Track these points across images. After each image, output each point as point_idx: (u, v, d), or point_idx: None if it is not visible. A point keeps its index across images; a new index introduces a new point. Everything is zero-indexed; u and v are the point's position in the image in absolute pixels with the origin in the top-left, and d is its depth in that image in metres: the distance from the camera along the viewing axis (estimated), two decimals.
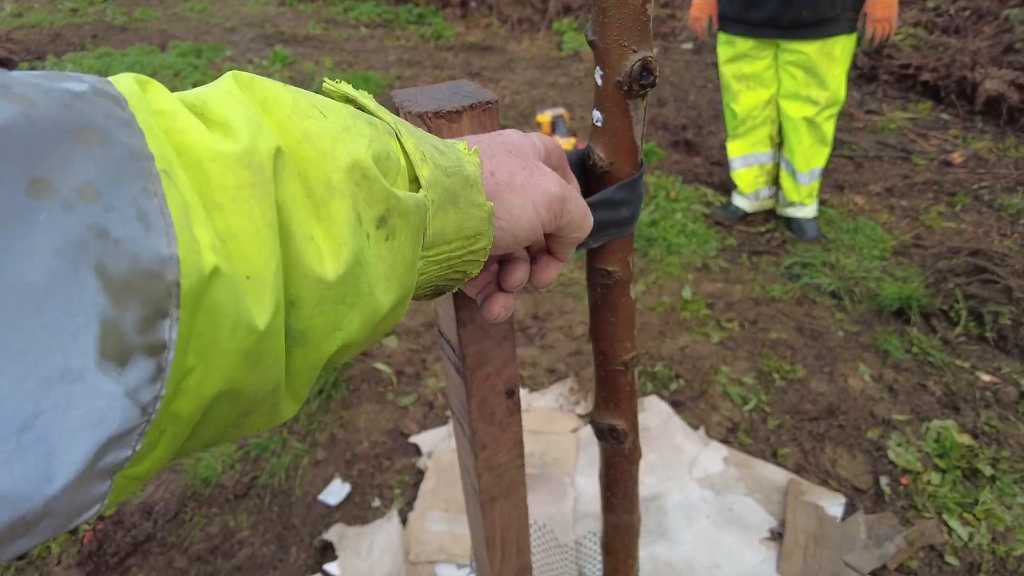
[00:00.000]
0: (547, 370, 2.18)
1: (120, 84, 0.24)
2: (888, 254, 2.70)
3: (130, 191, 0.21)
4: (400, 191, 0.32)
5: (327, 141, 0.29)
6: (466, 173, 0.37)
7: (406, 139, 0.35)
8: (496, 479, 0.73)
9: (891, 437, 1.88)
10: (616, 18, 0.48)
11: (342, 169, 0.29)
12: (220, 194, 0.24)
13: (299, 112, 0.29)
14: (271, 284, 0.26)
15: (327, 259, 0.28)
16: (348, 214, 0.29)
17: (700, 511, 1.65)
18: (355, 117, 0.32)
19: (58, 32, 6.54)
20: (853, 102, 4.25)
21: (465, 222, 0.37)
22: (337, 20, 6.99)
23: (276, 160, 0.26)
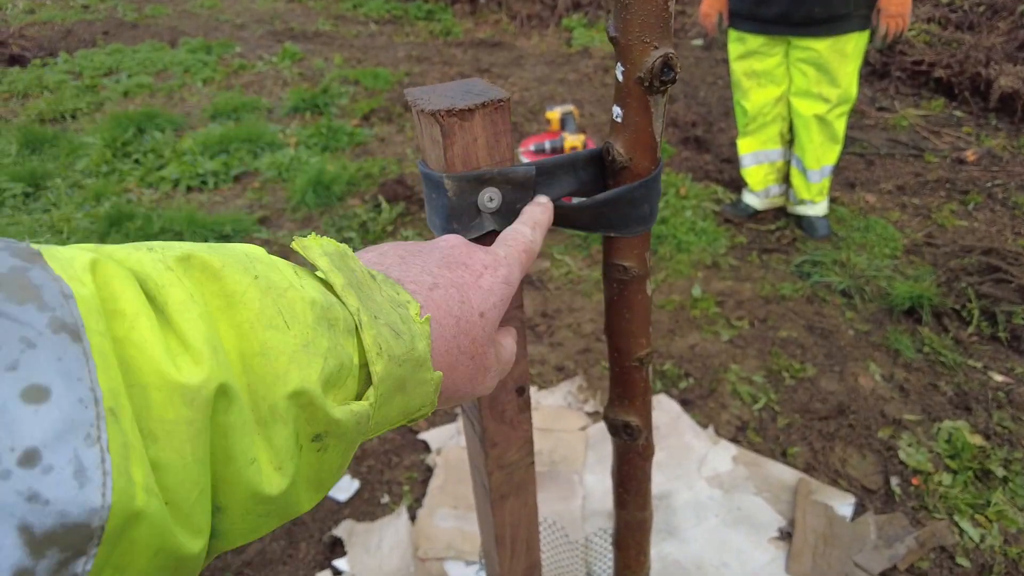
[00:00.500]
0: (556, 368, 2.18)
1: (81, 291, 0.23)
2: (900, 253, 2.68)
3: (72, 445, 0.21)
4: (342, 412, 0.32)
5: (283, 361, 0.29)
6: (417, 355, 0.36)
7: (366, 332, 0.34)
8: (506, 477, 0.73)
9: (902, 437, 1.87)
10: (638, 14, 0.47)
11: (288, 395, 0.29)
12: (157, 425, 0.24)
13: (263, 320, 0.29)
14: (192, 512, 0.26)
15: (265, 480, 0.29)
16: (288, 439, 0.30)
17: (709, 510, 1.65)
18: (317, 326, 0.31)
19: (70, 29, 6.58)
20: (865, 99, 4.21)
21: (411, 402, 0.37)
22: (346, 16, 7.00)
23: (219, 396, 0.26)
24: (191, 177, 3.55)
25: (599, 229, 0.57)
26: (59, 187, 3.50)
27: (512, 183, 0.52)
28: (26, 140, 3.94)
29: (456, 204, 0.50)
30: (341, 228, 3.04)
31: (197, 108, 4.59)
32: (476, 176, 0.50)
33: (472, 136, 0.49)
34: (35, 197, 3.45)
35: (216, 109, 4.38)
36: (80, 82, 5.11)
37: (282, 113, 4.43)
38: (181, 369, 0.25)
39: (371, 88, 4.76)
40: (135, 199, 3.40)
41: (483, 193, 0.51)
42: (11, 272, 0.22)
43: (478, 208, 0.52)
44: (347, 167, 3.53)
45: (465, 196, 0.50)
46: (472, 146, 0.50)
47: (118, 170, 3.69)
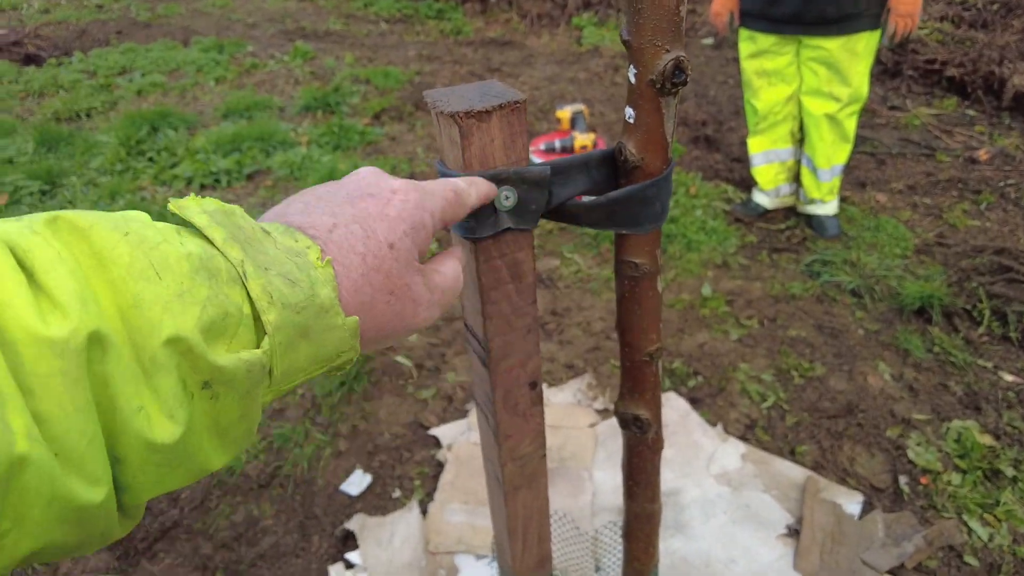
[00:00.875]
0: (565, 365, 2.19)
1: None
2: (910, 252, 2.68)
3: None
4: (227, 360, 0.31)
5: (157, 310, 0.29)
6: (319, 302, 0.35)
7: (252, 282, 0.33)
8: (519, 469, 0.75)
9: (911, 436, 1.88)
10: (651, 19, 0.49)
11: (164, 343, 0.29)
12: (32, 379, 0.25)
13: (134, 273, 0.29)
14: (85, 461, 0.26)
15: (156, 428, 0.29)
16: (174, 386, 0.30)
17: (717, 507, 1.66)
18: (195, 275, 0.31)
19: (84, 28, 6.65)
20: (876, 98, 4.20)
21: (321, 349, 0.36)
22: (357, 15, 7.03)
23: (94, 342, 0.27)
24: (204, 175, 3.59)
25: (611, 227, 0.58)
26: (75, 185, 3.55)
27: (528, 182, 0.53)
28: (42, 138, 3.99)
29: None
30: None
31: (209, 107, 4.63)
32: (493, 175, 0.52)
33: (489, 137, 0.51)
34: (52, 195, 3.50)
35: (228, 108, 4.42)
36: (94, 81, 5.17)
37: (294, 112, 4.46)
38: (49, 324, 0.25)
39: (382, 87, 4.78)
40: (149, 197, 3.44)
41: (500, 192, 0.53)
42: None
43: (494, 206, 0.53)
44: (358, 166, 3.56)
45: None
46: (489, 146, 0.52)
47: (132, 168, 3.73)
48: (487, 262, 0.58)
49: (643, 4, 0.48)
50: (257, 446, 1.92)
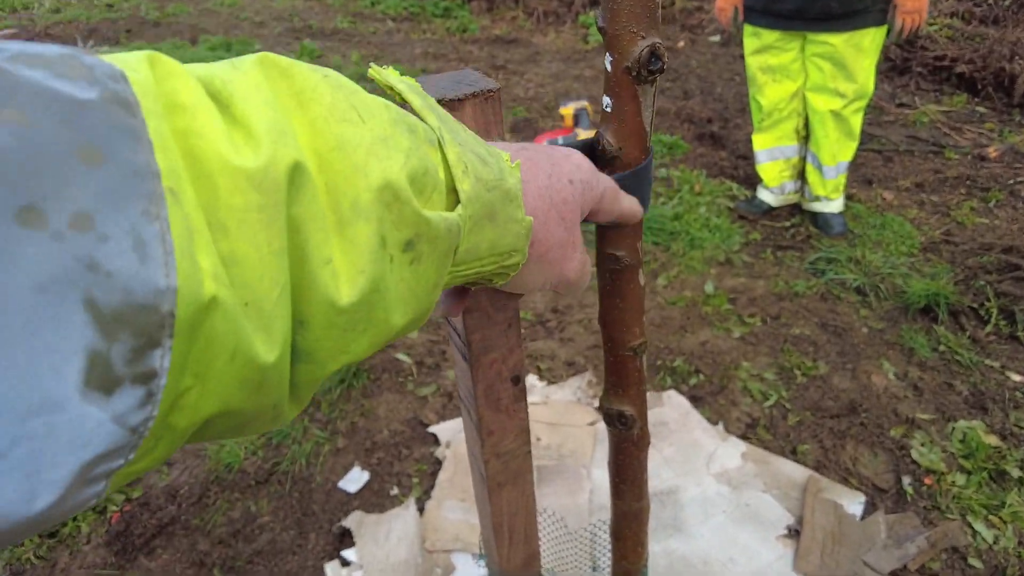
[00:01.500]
0: (566, 363, 2.18)
1: (135, 77, 0.22)
2: (916, 250, 2.65)
3: (129, 217, 0.20)
4: (433, 214, 0.30)
5: (361, 153, 0.27)
6: (507, 187, 0.35)
7: (449, 148, 0.32)
8: (503, 465, 0.74)
9: (915, 436, 1.85)
10: (625, 5, 0.48)
11: (373, 188, 0.27)
12: (227, 214, 0.23)
13: (336, 114, 0.27)
14: (271, 313, 0.24)
15: (342, 285, 0.27)
16: (371, 239, 0.27)
17: (717, 506, 1.64)
18: (395, 124, 0.29)
19: (94, 27, 6.69)
20: (884, 95, 4.16)
21: (501, 238, 0.36)
22: (364, 14, 7.04)
23: (293, 178, 0.24)
24: None
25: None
26: None
27: None
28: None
29: None
30: None
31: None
32: None
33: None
34: None
35: None
36: None
37: None
38: (244, 154, 0.23)
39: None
40: None
41: None
42: (60, 56, 0.20)
43: None
44: None
45: None
46: None
47: None
48: None
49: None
50: (255, 442, 1.92)
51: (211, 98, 0.24)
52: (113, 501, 1.75)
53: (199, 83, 0.24)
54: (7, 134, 0.18)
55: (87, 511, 1.72)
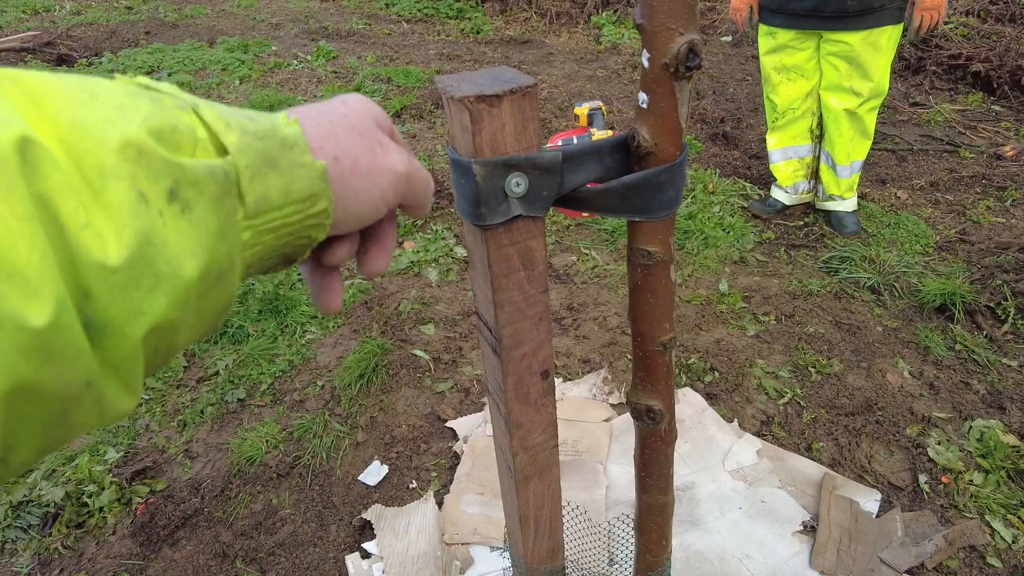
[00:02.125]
0: (581, 360, 2.20)
1: None
2: (931, 249, 2.64)
3: None
4: (186, 160, 0.31)
5: (98, 124, 0.28)
6: (282, 135, 0.36)
7: (205, 111, 0.34)
8: (531, 459, 0.76)
9: (931, 435, 1.86)
10: (664, 1, 0.49)
11: (114, 150, 0.28)
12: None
13: (69, 100, 0.28)
14: (37, 278, 0.25)
15: (109, 244, 0.27)
16: (127, 194, 0.28)
17: (732, 502, 1.66)
18: (134, 96, 0.31)
19: (114, 29, 6.77)
20: (898, 94, 4.14)
21: (292, 184, 0.36)
22: (379, 15, 7.08)
23: (23, 151, 0.25)
24: None
25: (624, 213, 0.59)
26: None
27: (539, 168, 0.54)
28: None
29: (484, 189, 0.53)
30: None
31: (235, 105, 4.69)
32: (504, 161, 0.52)
33: (500, 122, 0.52)
34: None
35: (253, 106, 4.48)
36: None
37: None
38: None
39: (403, 85, 4.82)
40: None
41: (510, 178, 0.53)
42: None
43: (505, 193, 0.54)
44: None
45: (492, 181, 0.53)
46: (500, 132, 0.52)
47: None
48: (498, 250, 0.58)
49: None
50: (276, 436, 1.95)
51: None
52: (138, 493, 1.79)
53: None
54: None
55: (113, 503, 1.76)
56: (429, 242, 2.86)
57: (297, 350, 2.30)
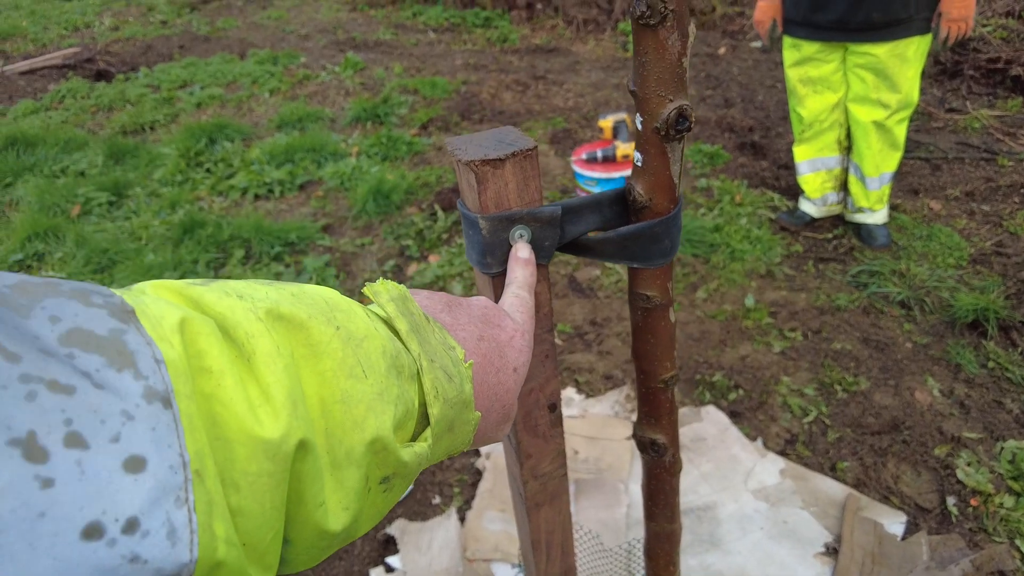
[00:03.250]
0: (604, 376, 2.21)
1: (170, 353, 0.25)
2: (965, 262, 2.59)
3: (165, 508, 0.23)
4: (408, 453, 0.34)
5: (361, 409, 0.32)
6: (465, 397, 0.39)
7: (425, 377, 0.37)
8: (541, 487, 0.78)
9: (960, 455, 1.82)
10: (654, 71, 0.51)
11: (366, 442, 0.32)
12: (240, 477, 0.27)
13: (344, 369, 0.32)
14: (265, 551, 0.29)
15: (331, 520, 0.31)
16: (359, 483, 0.32)
17: (754, 522, 1.65)
18: (388, 375, 0.34)
19: (150, 44, 6.98)
20: (932, 100, 4.06)
21: (455, 441, 0.40)
22: (406, 25, 7.17)
23: (301, 448, 0.29)
24: (258, 186, 3.73)
25: (623, 260, 0.61)
26: (139, 196, 3.74)
27: (540, 221, 0.57)
28: (111, 151, 4.22)
29: (489, 241, 0.56)
30: (399, 236, 3.15)
31: (264, 118, 4.80)
32: (507, 216, 0.55)
33: (503, 181, 0.55)
34: (118, 205, 3.70)
35: (282, 119, 4.58)
36: (158, 95, 5.43)
37: (344, 123, 4.59)
38: (263, 424, 0.27)
39: (429, 97, 4.88)
40: (206, 207, 3.60)
41: (514, 231, 0.56)
42: (110, 335, 0.24)
43: (509, 244, 0.57)
44: (405, 176, 3.65)
45: (497, 233, 0.56)
46: (503, 190, 0.55)
47: (191, 179, 3.91)
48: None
49: (647, 57, 0.51)
50: None
51: (234, 349, 0.28)
52: None
53: (222, 341, 0.27)
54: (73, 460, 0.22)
55: None
56: (454, 256, 2.90)
57: None
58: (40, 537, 0.20)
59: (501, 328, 0.47)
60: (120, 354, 0.24)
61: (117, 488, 0.22)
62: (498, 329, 0.47)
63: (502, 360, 0.45)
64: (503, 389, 0.45)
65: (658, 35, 0.50)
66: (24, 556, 0.20)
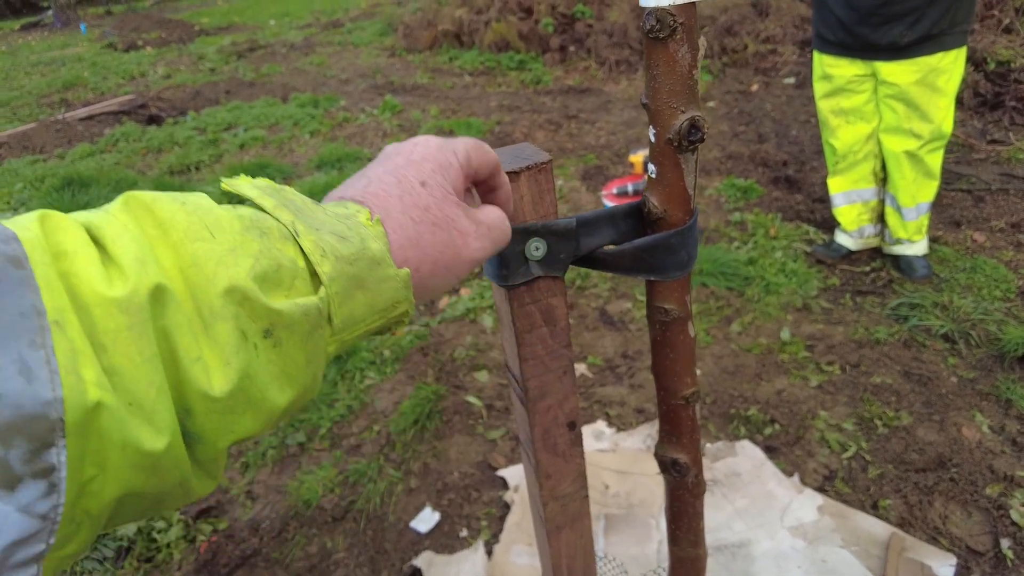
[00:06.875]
0: (636, 410, 2.17)
1: (25, 236, 0.28)
2: (1013, 294, 2.50)
3: (15, 348, 0.25)
4: (284, 305, 0.34)
5: (211, 265, 0.32)
6: (371, 254, 0.39)
7: (304, 239, 0.36)
8: (561, 508, 0.77)
9: (1014, 495, 1.73)
10: (665, 83, 0.52)
11: (221, 294, 0.32)
12: (104, 336, 0.28)
13: (191, 235, 0.32)
14: (153, 409, 0.29)
15: (214, 377, 0.31)
16: (231, 334, 0.32)
17: (791, 560, 1.59)
18: (245, 232, 0.34)
19: (198, 90, 7.31)
20: (974, 132, 3.99)
21: (377, 298, 0.39)
22: (443, 69, 7.38)
23: (155, 297, 0.30)
24: None
25: (639, 273, 0.61)
26: None
27: (555, 234, 0.57)
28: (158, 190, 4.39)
29: (506, 253, 0.56)
30: None
31: (304, 159, 4.96)
32: (522, 229, 0.56)
33: (519, 194, 0.56)
34: None
35: (321, 159, 4.72)
36: (204, 137, 5.66)
37: None
38: (114, 285, 0.29)
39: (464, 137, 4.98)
40: None
41: (530, 243, 0.57)
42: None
43: (525, 256, 0.57)
44: None
45: (513, 246, 0.56)
46: (519, 203, 0.56)
47: None
48: (520, 307, 0.61)
49: (658, 70, 0.52)
50: (333, 480, 2.00)
51: (92, 241, 0.30)
52: (202, 532, 1.87)
53: (82, 229, 0.30)
54: None
55: (179, 539, 1.84)
56: (484, 289, 2.92)
57: (356, 395, 2.37)
58: None
59: (399, 153, 0.45)
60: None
61: None
62: (395, 156, 0.45)
63: (401, 185, 0.43)
64: (418, 210, 0.42)
65: (668, 48, 0.51)
66: None
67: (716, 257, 2.89)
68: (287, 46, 9.68)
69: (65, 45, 13.44)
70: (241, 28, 12.81)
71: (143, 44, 11.38)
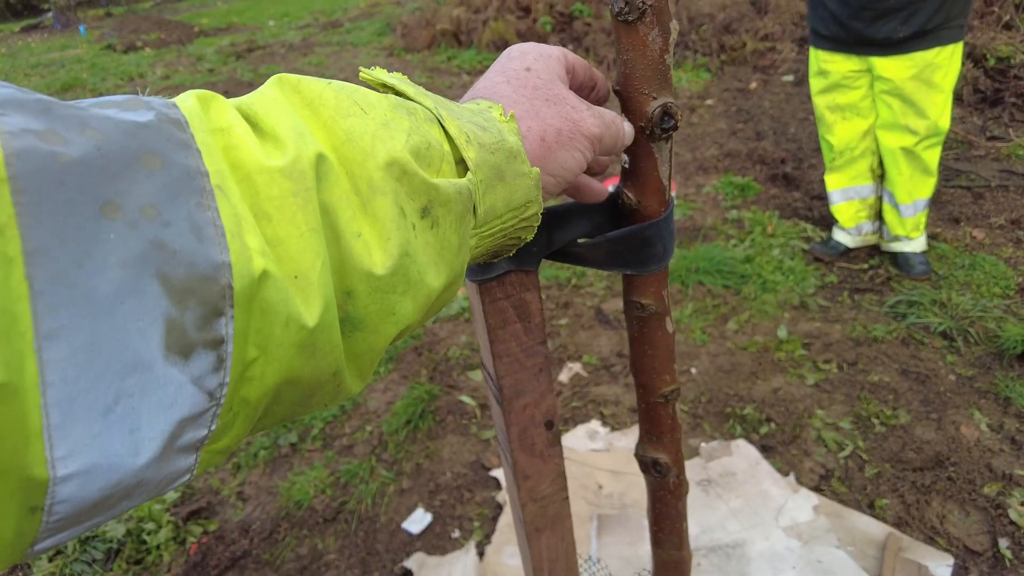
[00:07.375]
0: (630, 409, 2.15)
1: (184, 105, 0.28)
2: (1012, 292, 2.48)
3: (185, 207, 0.24)
4: (441, 181, 0.34)
5: (367, 139, 0.32)
6: (509, 146, 0.39)
7: (449, 123, 0.36)
8: (540, 510, 0.75)
9: (1013, 494, 1.71)
10: (637, 68, 0.50)
11: (381, 167, 0.31)
12: (267, 204, 0.27)
13: (342, 111, 0.32)
14: (317, 283, 0.28)
15: (375, 253, 0.31)
16: (391, 209, 0.31)
17: (786, 561, 1.56)
18: (395, 109, 0.34)
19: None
20: (973, 128, 3.96)
21: (514, 194, 0.39)
22: (441, 69, 7.36)
23: (318, 167, 0.29)
24: None
25: (615, 267, 0.59)
26: None
27: None
28: None
29: None
30: None
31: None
32: None
33: None
34: None
35: None
36: None
37: None
38: (273, 156, 0.28)
39: None
40: None
41: None
42: (127, 99, 0.26)
43: None
44: None
45: None
46: None
47: None
48: (492, 303, 0.59)
49: (629, 55, 0.50)
50: (324, 480, 1.98)
51: (245, 119, 0.30)
52: (192, 533, 1.85)
53: (234, 108, 0.30)
54: (89, 145, 0.23)
55: (169, 541, 1.82)
56: None
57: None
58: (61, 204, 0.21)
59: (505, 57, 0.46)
60: (134, 104, 0.26)
61: (132, 177, 0.23)
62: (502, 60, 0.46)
63: (506, 73, 0.44)
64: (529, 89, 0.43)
65: (638, 31, 0.49)
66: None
67: (713, 255, 2.86)
68: (286, 47, 9.67)
69: (65, 47, 13.45)
70: (240, 29, 12.81)
71: (142, 45, 11.38)
